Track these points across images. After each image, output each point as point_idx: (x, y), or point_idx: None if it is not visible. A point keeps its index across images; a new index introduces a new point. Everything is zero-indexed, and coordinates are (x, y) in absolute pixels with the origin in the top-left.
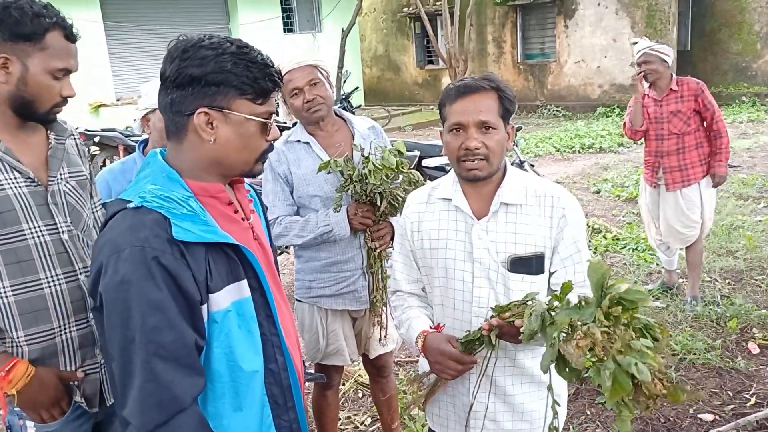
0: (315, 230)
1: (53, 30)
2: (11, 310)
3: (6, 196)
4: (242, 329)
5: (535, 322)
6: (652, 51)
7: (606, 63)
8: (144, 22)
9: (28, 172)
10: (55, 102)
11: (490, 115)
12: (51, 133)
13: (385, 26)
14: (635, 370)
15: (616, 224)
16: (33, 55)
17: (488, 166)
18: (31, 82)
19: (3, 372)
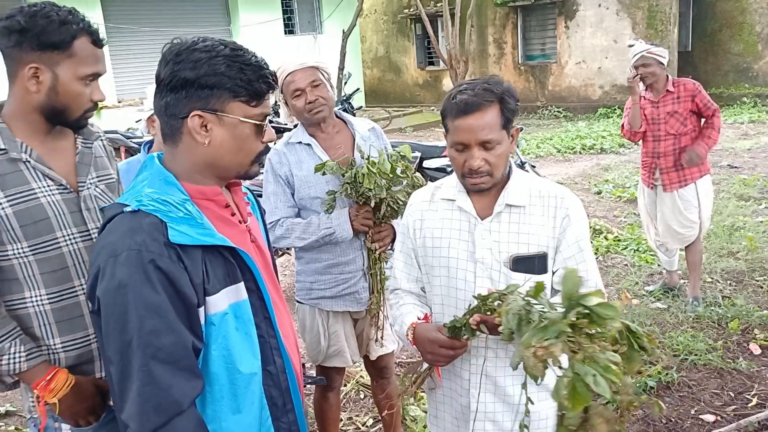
0: (317, 232)
1: (80, 36)
2: (48, 318)
3: (40, 205)
4: (240, 331)
5: (513, 321)
6: (650, 54)
7: (607, 64)
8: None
9: (60, 179)
10: (86, 108)
11: (491, 132)
12: (78, 138)
13: (385, 27)
14: (592, 382)
15: (617, 225)
16: (62, 63)
17: (492, 179)
18: (62, 91)
19: (44, 381)
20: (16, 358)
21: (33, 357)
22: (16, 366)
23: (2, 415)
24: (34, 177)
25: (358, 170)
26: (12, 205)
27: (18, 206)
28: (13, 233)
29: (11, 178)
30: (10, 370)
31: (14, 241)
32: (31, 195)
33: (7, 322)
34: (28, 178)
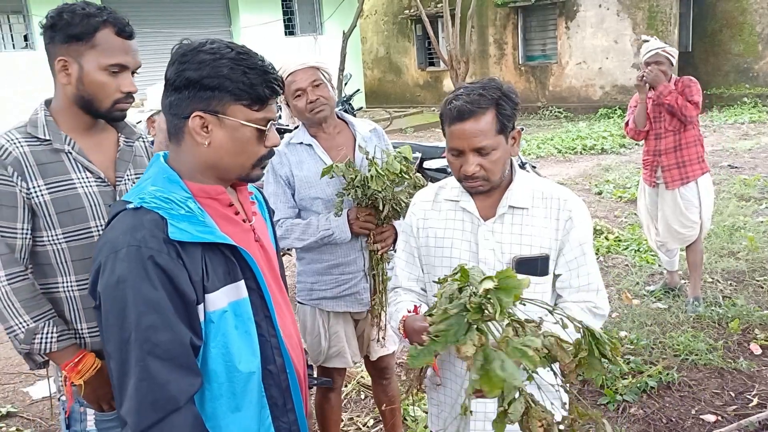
0: (316, 234)
1: (104, 28)
2: (77, 303)
3: (77, 195)
4: (239, 330)
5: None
6: (664, 52)
7: (607, 64)
8: (147, 26)
9: (98, 172)
10: (114, 98)
11: (486, 138)
12: (121, 136)
13: (386, 28)
14: (497, 367)
15: (617, 225)
16: (86, 54)
17: (488, 183)
18: (87, 81)
19: (72, 363)
20: (48, 338)
21: (64, 339)
22: (48, 346)
23: (3, 416)
24: (74, 168)
25: (369, 170)
26: (50, 192)
27: (56, 194)
28: (49, 219)
29: (52, 168)
30: (41, 349)
31: (50, 228)
32: (70, 184)
33: (44, 304)
34: (69, 169)
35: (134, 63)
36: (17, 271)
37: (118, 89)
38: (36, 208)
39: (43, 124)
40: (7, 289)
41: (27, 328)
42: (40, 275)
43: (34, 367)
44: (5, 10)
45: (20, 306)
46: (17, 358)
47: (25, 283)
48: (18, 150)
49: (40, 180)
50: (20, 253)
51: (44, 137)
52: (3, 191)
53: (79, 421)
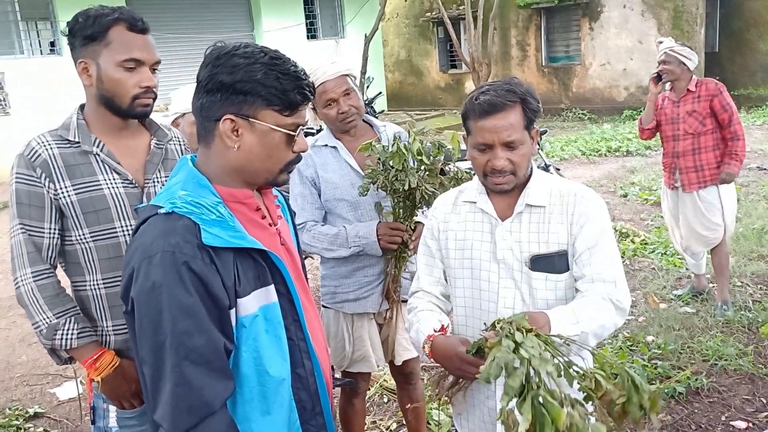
0: (345, 247)
1: (116, 25)
2: (103, 301)
3: (102, 195)
4: (270, 334)
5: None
6: (671, 52)
7: (632, 65)
8: (170, 31)
9: (126, 173)
10: (133, 93)
11: (515, 132)
12: (153, 138)
13: (407, 31)
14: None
15: (644, 228)
16: (101, 52)
17: (515, 179)
18: (105, 79)
19: (91, 359)
20: (69, 335)
21: (84, 336)
22: (68, 342)
23: (31, 416)
24: (101, 169)
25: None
26: (77, 193)
27: (82, 195)
28: (76, 219)
29: (80, 169)
30: (62, 345)
31: (77, 227)
32: (96, 185)
33: (67, 301)
34: (96, 170)
35: (150, 58)
36: (43, 269)
37: (137, 84)
38: (64, 209)
39: (75, 127)
40: (32, 286)
41: (49, 324)
42: (69, 273)
43: (59, 363)
44: (33, 16)
45: (44, 302)
46: (44, 360)
47: (50, 280)
48: (47, 152)
49: (67, 181)
50: (47, 251)
51: (74, 139)
52: (31, 192)
53: (102, 417)
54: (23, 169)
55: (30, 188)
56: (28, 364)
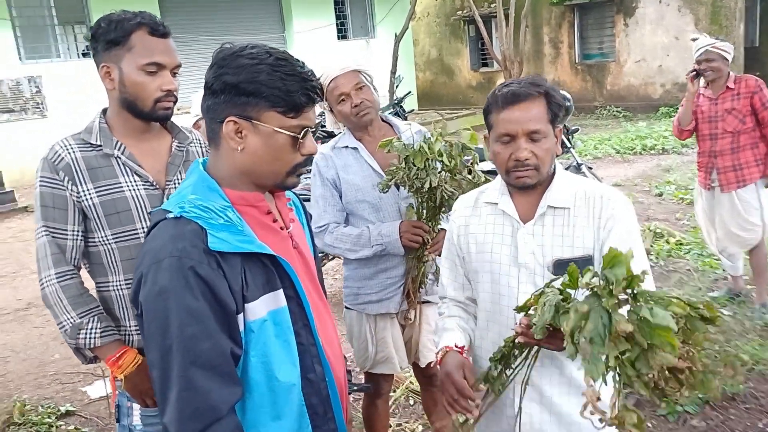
0: (368, 247)
1: (137, 30)
2: (125, 302)
3: (124, 197)
4: (279, 339)
5: (548, 313)
6: (714, 48)
7: (668, 62)
8: (202, 33)
9: (147, 176)
10: (155, 97)
11: (539, 123)
12: (174, 141)
13: (438, 30)
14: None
15: (679, 228)
16: (123, 57)
17: (538, 174)
18: (127, 82)
19: (114, 358)
20: (92, 334)
21: (107, 335)
22: (91, 341)
23: (63, 414)
24: (123, 172)
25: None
26: (99, 195)
27: (104, 197)
28: (98, 221)
29: (102, 172)
30: (86, 343)
31: (100, 229)
32: (117, 188)
33: (91, 300)
34: (117, 173)
35: (171, 61)
36: (66, 270)
37: (158, 88)
38: (86, 211)
39: (97, 131)
40: (56, 287)
41: (73, 323)
42: (93, 274)
43: (84, 361)
44: (69, 20)
45: (68, 303)
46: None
47: (74, 281)
48: (70, 156)
49: (89, 184)
50: (70, 253)
51: (96, 143)
52: (55, 195)
53: (126, 415)
54: (47, 173)
55: (54, 191)
56: (60, 362)
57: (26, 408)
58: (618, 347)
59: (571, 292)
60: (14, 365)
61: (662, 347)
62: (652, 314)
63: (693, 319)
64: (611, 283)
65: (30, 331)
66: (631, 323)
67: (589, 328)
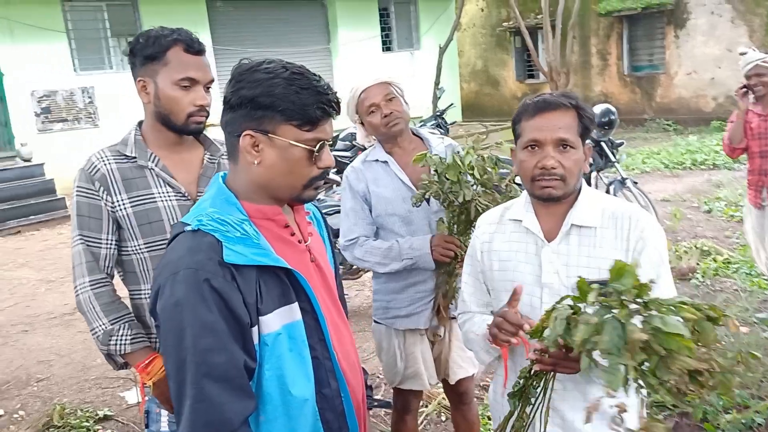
0: (398, 260)
1: (174, 46)
2: None
3: (156, 208)
4: (293, 352)
5: (560, 326)
6: (765, 63)
7: (720, 74)
8: (250, 45)
9: (179, 187)
10: (188, 111)
11: (569, 132)
12: (206, 153)
13: (484, 41)
14: (660, 323)
15: (727, 246)
16: (160, 72)
17: (564, 186)
18: (162, 96)
19: (144, 364)
20: (123, 340)
21: (137, 341)
22: (122, 347)
23: (101, 419)
24: (156, 183)
25: (443, 161)
26: (133, 205)
27: (138, 207)
28: (132, 231)
29: (136, 183)
30: (117, 350)
31: (133, 238)
32: (150, 198)
33: (122, 308)
34: (151, 184)
35: (204, 77)
36: (100, 278)
37: (191, 103)
38: (120, 220)
39: (132, 143)
40: (90, 294)
41: (105, 330)
42: (127, 282)
43: (115, 367)
44: (122, 33)
45: (100, 309)
46: None
47: (106, 289)
48: (106, 167)
49: (124, 194)
50: (104, 261)
51: (131, 155)
52: (91, 204)
53: (155, 421)
54: (83, 183)
55: (89, 201)
56: (102, 367)
57: (66, 411)
58: (635, 358)
59: (581, 306)
60: (58, 369)
61: (679, 351)
62: (664, 323)
63: (701, 321)
64: (621, 294)
65: (75, 335)
66: (644, 332)
67: (604, 340)
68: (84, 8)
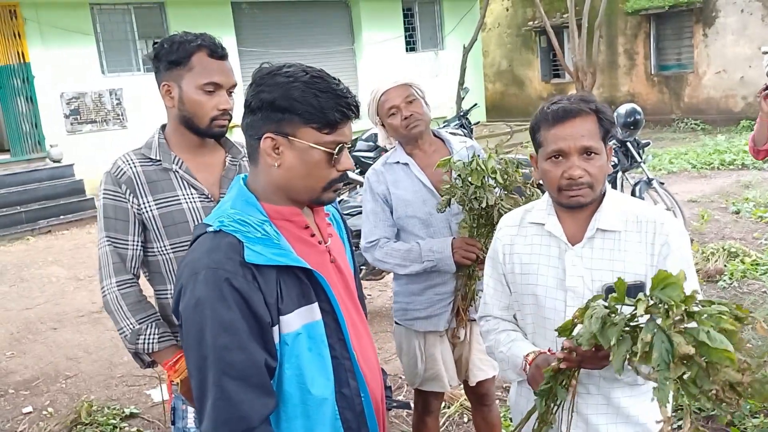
0: (418, 262)
1: (198, 52)
2: None
3: (181, 209)
4: (313, 352)
5: (595, 325)
6: None
7: (751, 73)
8: (274, 47)
9: (203, 189)
10: (212, 115)
11: (592, 139)
12: (228, 155)
13: (509, 41)
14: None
15: (756, 248)
16: (184, 76)
17: (592, 193)
18: (186, 101)
19: (171, 362)
20: (150, 339)
21: (164, 340)
22: (150, 346)
23: (127, 416)
24: (180, 185)
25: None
26: (159, 207)
27: (163, 209)
28: (158, 232)
29: (161, 185)
30: (145, 348)
31: (159, 239)
32: (175, 200)
33: (149, 307)
34: (175, 186)
35: (228, 81)
36: (126, 279)
37: (215, 107)
38: (146, 222)
39: (156, 146)
40: (117, 294)
41: (133, 329)
42: (152, 282)
43: (142, 366)
44: (150, 35)
45: (127, 309)
46: None
47: (133, 289)
48: (131, 170)
49: (149, 196)
50: (131, 262)
51: (155, 158)
52: (117, 207)
53: (181, 418)
54: (110, 186)
55: (116, 203)
56: (128, 365)
57: (93, 408)
58: (677, 370)
59: (618, 307)
60: (85, 366)
61: (721, 363)
62: (710, 338)
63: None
64: (666, 305)
65: (102, 333)
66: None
67: (654, 357)
68: (112, 11)
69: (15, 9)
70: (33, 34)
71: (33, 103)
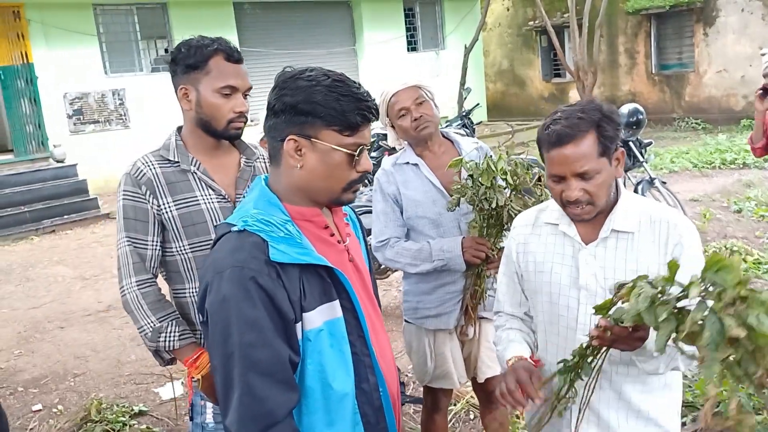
0: (429, 261)
1: (215, 56)
2: None
3: (200, 210)
4: (334, 348)
5: (643, 303)
6: None
7: (752, 72)
8: (276, 47)
9: (220, 190)
10: (228, 118)
11: (588, 163)
12: (242, 157)
13: (510, 41)
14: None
15: (758, 247)
16: (201, 80)
17: (594, 208)
18: (204, 104)
19: (192, 359)
20: (171, 337)
21: (185, 337)
22: (171, 343)
23: (136, 414)
24: (198, 186)
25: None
26: (178, 208)
27: (182, 210)
28: (177, 232)
29: (180, 186)
30: (166, 346)
31: (178, 239)
32: (194, 201)
33: (168, 306)
34: (194, 187)
35: (244, 85)
36: (146, 278)
37: (231, 110)
38: (165, 223)
39: (174, 148)
40: (137, 293)
41: (154, 327)
42: (172, 281)
43: (162, 363)
44: (152, 35)
45: (148, 308)
46: (151, 360)
47: (152, 288)
48: (151, 171)
49: (169, 197)
50: (150, 262)
51: (174, 159)
52: (137, 207)
53: (200, 413)
54: (130, 187)
55: (136, 204)
56: (136, 363)
57: (102, 406)
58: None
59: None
60: (93, 364)
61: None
62: (760, 321)
63: None
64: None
65: (109, 332)
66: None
67: (705, 336)
68: (115, 12)
69: (18, 10)
70: (36, 34)
71: (36, 104)
